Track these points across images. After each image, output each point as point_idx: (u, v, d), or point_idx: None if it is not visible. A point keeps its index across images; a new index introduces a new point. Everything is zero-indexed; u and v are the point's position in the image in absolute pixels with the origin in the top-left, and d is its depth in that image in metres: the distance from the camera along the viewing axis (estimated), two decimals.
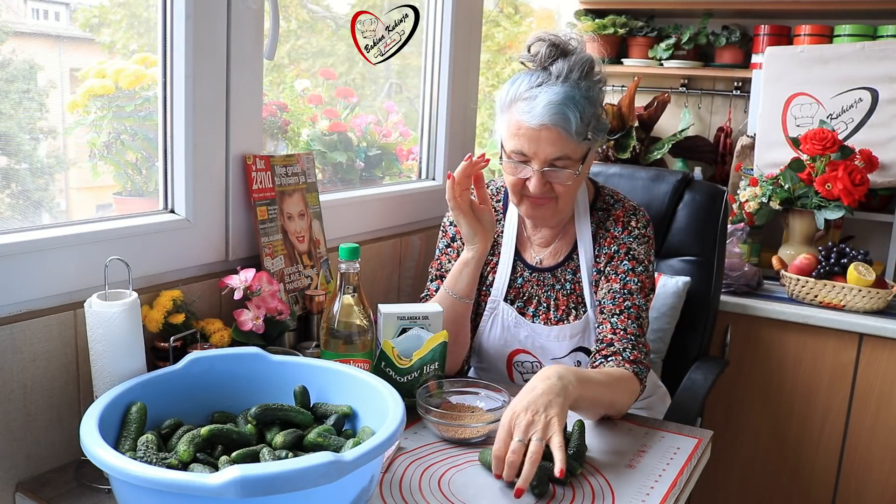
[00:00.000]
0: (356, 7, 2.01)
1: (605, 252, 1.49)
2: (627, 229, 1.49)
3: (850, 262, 2.03)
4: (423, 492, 1.09)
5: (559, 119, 1.33)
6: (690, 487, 1.20)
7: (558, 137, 1.35)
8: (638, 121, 2.52)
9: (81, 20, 1.42)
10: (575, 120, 1.34)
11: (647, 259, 1.48)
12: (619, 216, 1.51)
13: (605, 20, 2.80)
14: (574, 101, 1.34)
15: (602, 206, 1.53)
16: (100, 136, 1.40)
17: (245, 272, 1.32)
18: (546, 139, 1.35)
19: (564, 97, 1.34)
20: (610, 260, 1.48)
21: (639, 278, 1.46)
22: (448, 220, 1.60)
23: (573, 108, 1.34)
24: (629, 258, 1.47)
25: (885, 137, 2.20)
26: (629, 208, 1.52)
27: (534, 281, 1.54)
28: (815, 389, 2.08)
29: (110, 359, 1.07)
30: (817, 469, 2.11)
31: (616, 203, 1.53)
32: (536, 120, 1.34)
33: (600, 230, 1.51)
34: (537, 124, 1.34)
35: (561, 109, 1.33)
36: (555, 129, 1.34)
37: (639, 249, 1.48)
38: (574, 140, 1.36)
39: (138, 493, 0.85)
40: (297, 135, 1.86)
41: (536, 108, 1.34)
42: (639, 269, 1.47)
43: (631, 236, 1.48)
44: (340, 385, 1.12)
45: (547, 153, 1.36)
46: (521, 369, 1.55)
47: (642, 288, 1.46)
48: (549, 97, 1.34)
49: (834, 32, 2.45)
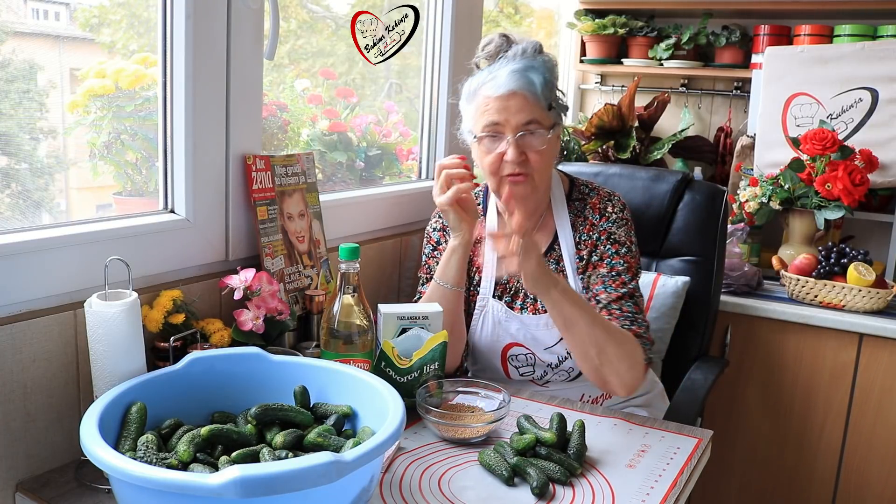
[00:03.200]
0: (356, 7, 2.01)
1: (584, 239, 1.52)
2: (605, 216, 1.53)
3: (850, 262, 2.03)
4: (423, 492, 1.09)
5: (524, 83, 1.41)
6: (690, 487, 1.20)
7: (526, 102, 1.41)
8: (638, 121, 2.52)
9: (81, 20, 1.42)
10: (539, 83, 1.41)
11: (628, 240, 1.52)
12: (595, 203, 1.55)
13: (605, 20, 2.80)
14: (534, 68, 1.42)
15: (577, 197, 1.57)
16: (100, 136, 1.40)
17: (245, 272, 1.32)
18: (515, 106, 1.41)
19: (525, 65, 1.42)
20: (594, 248, 1.52)
21: (624, 259, 1.50)
22: (431, 227, 1.63)
23: (535, 73, 1.42)
24: (611, 242, 1.51)
25: (885, 137, 2.20)
26: (604, 195, 1.56)
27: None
28: (815, 389, 2.08)
29: (110, 359, 1.07)
30: (817, 469, 2.11)
31: (591, 192, 1.58)
32: (503, 89, 1.41)
33: (578, 219, 1.54)
34: (504, 92, 1.41)
35: (524, 75, 1.41)
36: (521, 93, 1.41)
37: (619, 232, 1.52)
38: (541, 103, 1.42)
39: (138, 493, 0.85)
40: (297, 135, 1.86)
41: (500, 78, 1.41)
42: (622, 250, 1.50)
43: (609, 221, 1.52)
44: (340, 385, 1.12)
45: (518, 119, 1.41)
46: (515, 363, 1.55)
47: (629, 268, 1.50)
48: (511, 67, 1.42)
49: (834, 32, 2.45)
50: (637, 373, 1.40)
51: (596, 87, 3.01)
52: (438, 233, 1.61)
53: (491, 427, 1.24)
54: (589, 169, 2.06)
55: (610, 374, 1.38)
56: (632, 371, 1.39)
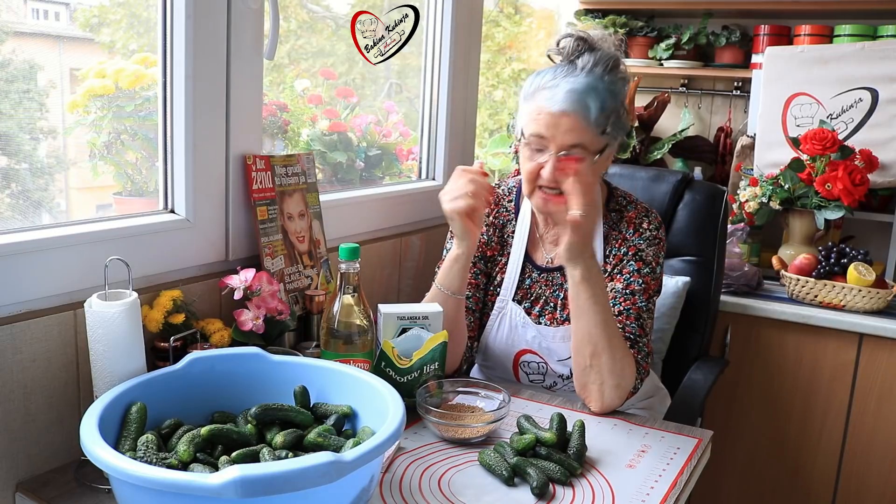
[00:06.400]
0: (356, 7, 2.01)
1: (614, 253, 1.50)
2: (639, 231, 1.49)
3: (850, 262, 2.03)
4: (423, 492, 1.09)
5: (579, 106, 1.35)
6: (690, 487, 1.20)
7: (577, 125, 1.36)
8: (638, 121, 2.52)
9: (81, 20, 1.42)
10: (595, 109, 1.36)
11: (654, 261, 1.49)
12: (632, 217, 1.51)
13: (605, 20, 2.80)
14: (596, 92, 1.36)
15: (615, 208, 1.54)
16: (100, 136, 1.40)
17: (245, 272, 1.32)
18: (565, 125, 1.36)
19: (587, 86, 1.36)
20: (619, 262, 1.49)
21: (643, 279, 1.46)
22: None
23: (595, 98, 1.36)
24: (636, 259, 1.47)
25: (885, 137, 2.20)
26: (641, 210, 1.53)
27: (542, 281, 1.54)
28: (815, 389, 2.08)
29: (110, 359, 1.07)
30: (817, 469, 2.11)
31: (629, 205, 1.54)
32: (557, 106, 1.36)
33: (612, 231, 1.51)
34: (558, 110, 1.36)
35: (582, 97, 1.35)
36: (574, 115, 1.36)
37: (647, 251, 1.48)
38: (591, 129, 1.37)
39: (138, 493, 0.85)
40: (297, 135, 1.86)
41: (558, 94, 1.36)
42: (644, 270, 1.47)
43: (641, 238, 1.49)
44: (340, 385, 1.12)
45: (564, 139, 1.37)
46: (527, 370, 1.55)
47: (646, 289, 1.46)
48: (571, 85, 1.36)
49: (834, 32, 2.45)
50: (620, 394, 1.37)
51: None
52: None
53: (491, 427, 1.24)
54: None
55: (592, 383, 1.36)
56: (617, 390, 1.36)
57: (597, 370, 1.35)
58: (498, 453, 1.16)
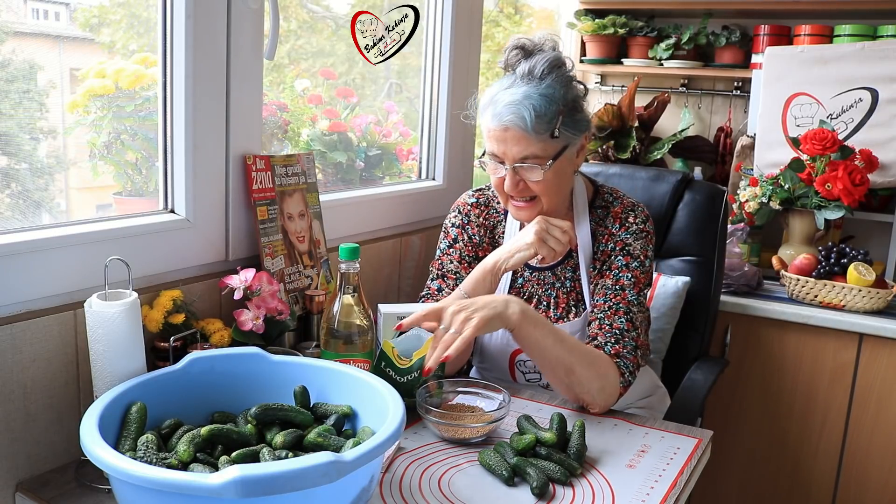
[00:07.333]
0: (356, 7, 2.01)
1: (602, 249, 1.51)
2: (625, 226, 1.50)
3: (850, 262, 2.03)
4: (423, 492, 1.09)
5: (516, 119, 1.37)
6: (690, 487, 1.20)
7: (520, 136, 1.38)
8: (638, 121, 2.52)
9: (81, 20, 1.42)
10: (530, 118, 1.36)
11: (643, 254, 1.49)
12: (618, 213, 1.52)
13: (605, 20, 2.80)
14: (530, 100, 1.36)
15: (601, 204, 1.55)
16: (100, 136, 1.40)
17: (245, 272, 1.32)
18: (511, 139, 1.39)
19: (522, 96, 1.37)
20: (607, 258, 1.49)
21: (632, 273, 1.46)
22: (450, 222, 1.61)
23: (528, 107, 1.36)
24: (624, 254, 1.48)
25: (885, 137, 2.20)
26: (627, 205, 1.53)
27: (534, 280, 1.55)
28: (815, 389, 2.08)
29: (110, 359, 1.07)
30: (817, 469, 2.11)
31: (615, 200, 1.55)
32: (497, 121, 1.39)
33: (599, 227, 1.52)
34: (499, 125, 1.39)
35: (517, 109, 1.36)
36: (514, 128, 1.38)
37: (635, 245, 1.48)
38: (534, 137, 1.38)
39: (138, 493, 0.85)
40: (297, 135, 1.86)
41: (497, 109, 1.39)
42: (633, 264, 1.47)
43: (628, 232, 1.49)
44: (340, 385, 1.12)
45: (514, 152, 1.40)
46: (523, 369, 1.55)
47: (636, 283, 1.46)
48: (507, 98, 1.38)
49: (834, 32, 2.45)
50: (609, 393, 1.36)
51: (596, 87, 3.01)
52: (457, 229, 1.58)
53: (491, 427, 1.24)
54: (589, 169, 2.06)
55: (582, 393, 1.36)
56: (603, 392, 1.36)
57: (577, 382, 1.34)
58: (498, 453, 1.16)
